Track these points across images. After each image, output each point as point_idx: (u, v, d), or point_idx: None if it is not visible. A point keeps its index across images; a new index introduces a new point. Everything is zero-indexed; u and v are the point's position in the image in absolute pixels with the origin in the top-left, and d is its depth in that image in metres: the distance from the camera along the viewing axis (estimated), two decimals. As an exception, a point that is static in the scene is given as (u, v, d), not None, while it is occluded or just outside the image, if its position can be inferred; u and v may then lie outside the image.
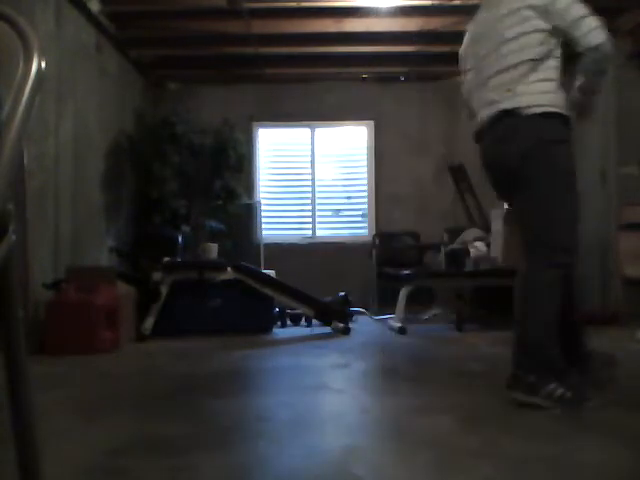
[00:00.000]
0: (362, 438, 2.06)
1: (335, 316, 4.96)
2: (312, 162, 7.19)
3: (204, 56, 6.49)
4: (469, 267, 5.46)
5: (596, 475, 1.63)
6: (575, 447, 1.85)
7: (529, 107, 2.43)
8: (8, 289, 0.91)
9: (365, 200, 7.14)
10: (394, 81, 7.03)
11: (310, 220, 7.16)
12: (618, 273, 5.24)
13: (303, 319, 5.37)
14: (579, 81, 2.43)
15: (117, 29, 5.48)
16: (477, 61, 2.66)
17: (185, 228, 5.83)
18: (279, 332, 5.06)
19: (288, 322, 5.37)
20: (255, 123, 7.09)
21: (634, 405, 2.43)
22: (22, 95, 0.84)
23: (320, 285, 5.83)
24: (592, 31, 2.36)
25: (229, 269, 4.88)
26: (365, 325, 5.48)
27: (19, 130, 0.82)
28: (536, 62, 2.45)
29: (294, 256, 6.68)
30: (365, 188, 7.14)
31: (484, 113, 2.59)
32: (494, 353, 3.94)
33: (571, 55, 2.48)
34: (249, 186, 6.87)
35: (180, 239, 5.62)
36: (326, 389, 2.89)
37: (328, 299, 5.23)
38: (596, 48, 2.36)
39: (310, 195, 7.17)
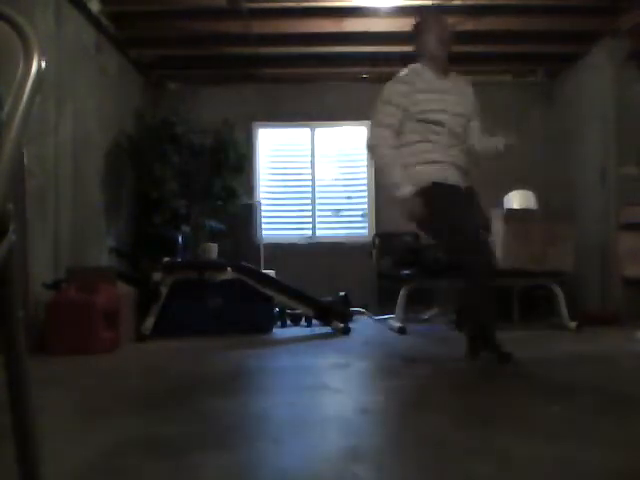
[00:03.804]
0: (362, 438, 2.06)
1: (335, 316, 4.95)
2: (312, 162, 7.19)
3: (204, 56, 6.49)
4: (469, 267, 5.45)
5: (596, 475, 1.63)
6: (575, 447, 1.84)
7: None
8: (8, 289, 0.91)
9: (365, 200, 7.14)
10: (394, 81, 7.02)
11: (310, 220, 7.15)
12: (618, 273, 5.24)
13: (303, 319, 5.37)
14: None
15: (117, 29, 5.48)
16: None
17: (185, 228, 5.83)
18: (279, 332, 5.06)
19: (288, 322, 5.37)
20: (255, 123, 7.09)
21: (634, 405, 2.43)
22: (22, 95, 0.84)
23: (320, 285, 5.83)
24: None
25: (229, 269, 4.88)
26: (365, 325, 5.48)
27: (19, 130, 0.82)
28: None
29: (294, 256, 6.68)
30: (365, 188, 7.14)
31: None
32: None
33: None
34: (249, 186, 6.86)
35: (180, 239, 5.62)
36: (326, 389, 2.89)
37: (328, 299, 5.23)
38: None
39: (310, 195, 7.17)
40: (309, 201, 7.16)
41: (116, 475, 1.69)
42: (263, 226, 6.93)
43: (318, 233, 7.11)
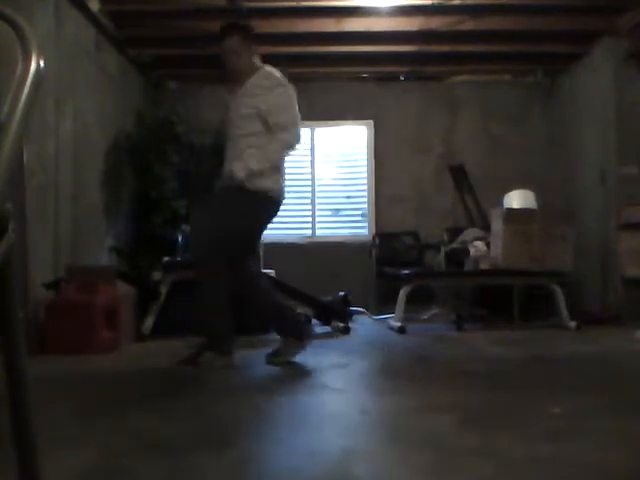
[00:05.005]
0: (362, 438, 2.06)
1: (335, 316, 4.95)
2: (312, 162, 7.18)
3: (204, 56, 6.47)
4: (469, 267, 5.46)
5: (596, 475, 1.63)
6: (575, 447, 1.84)
7: None
8: (8, 289, 0.91)
9: (365, 200, 7.13)
10: (394, 81, 7.03)
11: (310, 220, 7.15)
12: (618, 273, 5.24)
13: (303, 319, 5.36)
14: None
15: (117, 29, 5.48)
16: None
17: (185, 228, 5.82)
18: (279, 332, 5.05)
19: (288, 322, 5.36)
20: (255, 123, 7.08)
21: (634, 405, 2.43)
22: (21, 94, 0.84)
23: (320, 285, 5.82)
24: None
25: (229, 269, 4.86)
26: (365, 325, 5.48)
27: (19, 129, 0.82)
28: None
29: (294, 256, 6.67)
30: (365, 188, 7.14)
31: None
32: (494, 353, 3.94)
33: None
34: (249, 186, 6.85)
35: (180, 239, 5.61)
36: (326, 389, 2.89)
37: (328, 299, 5.23)
38: None
39: (310, 195, 7.16)
40: (309, 201, 7.15)
41: (116, 475, 1.69)
42: (263, 226, 6.92)
43: (318, 233, 7.10)
